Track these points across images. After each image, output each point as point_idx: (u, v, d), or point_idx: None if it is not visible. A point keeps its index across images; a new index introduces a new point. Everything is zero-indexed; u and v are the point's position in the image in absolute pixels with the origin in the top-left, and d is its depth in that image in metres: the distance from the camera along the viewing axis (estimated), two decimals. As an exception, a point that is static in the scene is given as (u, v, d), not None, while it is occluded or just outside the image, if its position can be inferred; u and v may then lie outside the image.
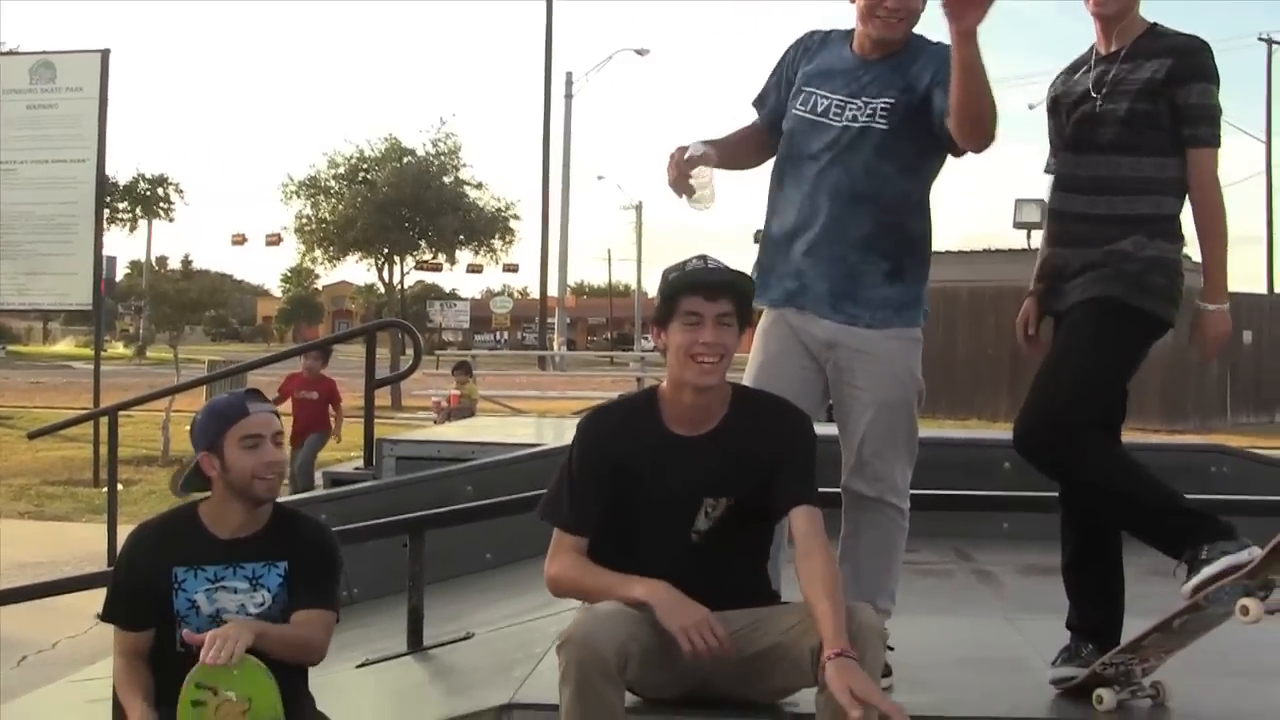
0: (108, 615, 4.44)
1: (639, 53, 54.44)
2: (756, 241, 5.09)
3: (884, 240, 4.72)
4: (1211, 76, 4.68)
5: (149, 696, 4.27)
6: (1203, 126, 4.67)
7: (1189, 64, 4.66)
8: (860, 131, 4.69)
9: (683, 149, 4.67)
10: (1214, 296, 4.70)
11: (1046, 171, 5.03)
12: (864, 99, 4.71)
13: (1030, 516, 7.64)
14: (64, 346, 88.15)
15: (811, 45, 4.93)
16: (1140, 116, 4.66)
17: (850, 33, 4.85)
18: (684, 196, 4.68)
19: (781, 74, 4.98)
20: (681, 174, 4.66)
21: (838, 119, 4.73)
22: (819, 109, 4.77)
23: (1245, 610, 4.20)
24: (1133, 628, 4.87)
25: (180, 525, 4.45)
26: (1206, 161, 4.69)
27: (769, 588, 4.42)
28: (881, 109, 4.68)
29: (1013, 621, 5.60)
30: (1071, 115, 4.82)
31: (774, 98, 5.02)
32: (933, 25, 4.69)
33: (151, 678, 4.34)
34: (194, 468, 4.47)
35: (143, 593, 4.33)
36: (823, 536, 4.14)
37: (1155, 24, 4.80)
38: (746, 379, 4.82)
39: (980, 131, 4.51)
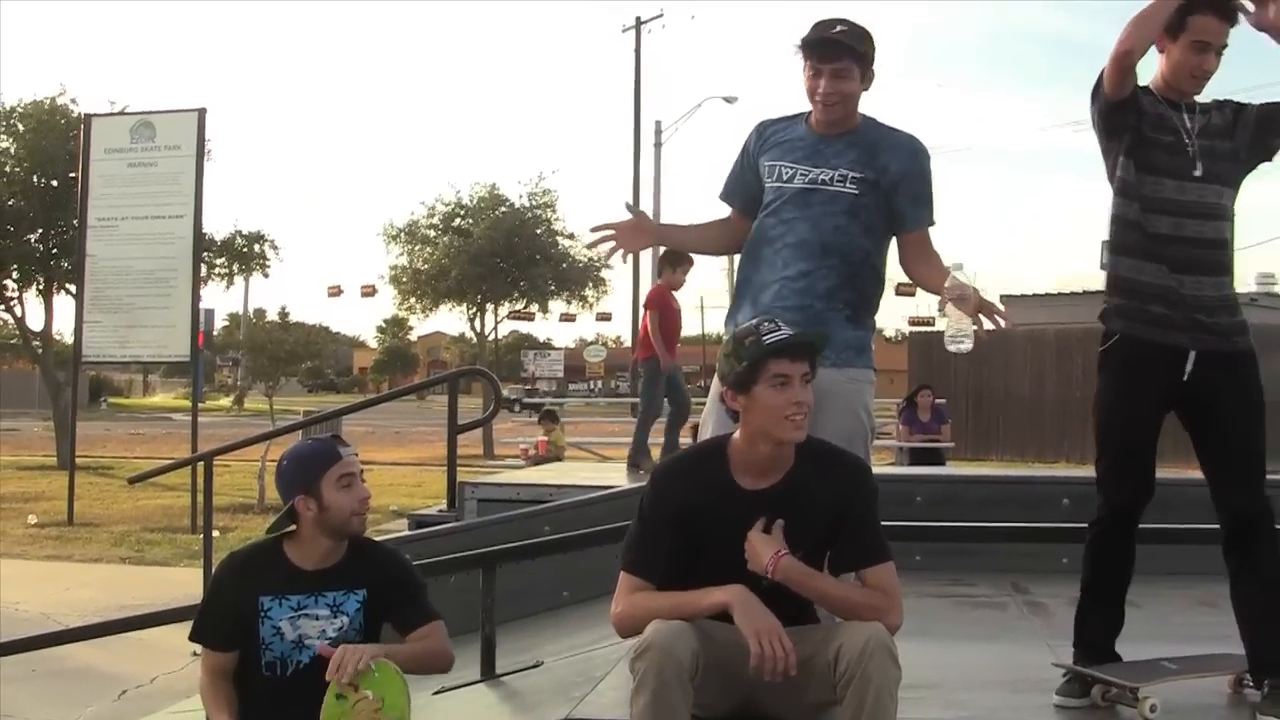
0: (196, 634, 4.81)
1: (727, 100, 54.57)
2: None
3: (846, 290, 5.15)
4: None
5: (233, 711, 4.65)
6: None
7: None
8: (831, 195, 5.14)
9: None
10: None
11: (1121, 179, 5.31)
12: (829, 167, 5.16)
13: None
14: (160, 398, 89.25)
15: (766, 130, 5.39)
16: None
17: (804, 114, 5.32)
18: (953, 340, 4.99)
19: (745, 162, 5.45)
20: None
21: (801, 181, 5.18)
22: (784, 177, 5.22)
23: None
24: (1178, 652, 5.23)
25: (265, 557, 4.82)
26: None
27: (814, 613, 4.55)
28: (852, 178, 5.14)
29: (1053, 648, 5.75)
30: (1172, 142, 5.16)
31: (740, 185, 5.49)
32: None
33: (235, 696, 4.72)
34: (285, 513, 4.81)
35: (230, 616, 4.70)
36: (892, 593, 4.32)
37: None
38: (710, 429, 5.14)
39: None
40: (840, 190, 5.15)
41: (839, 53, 5.09)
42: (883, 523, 4.46)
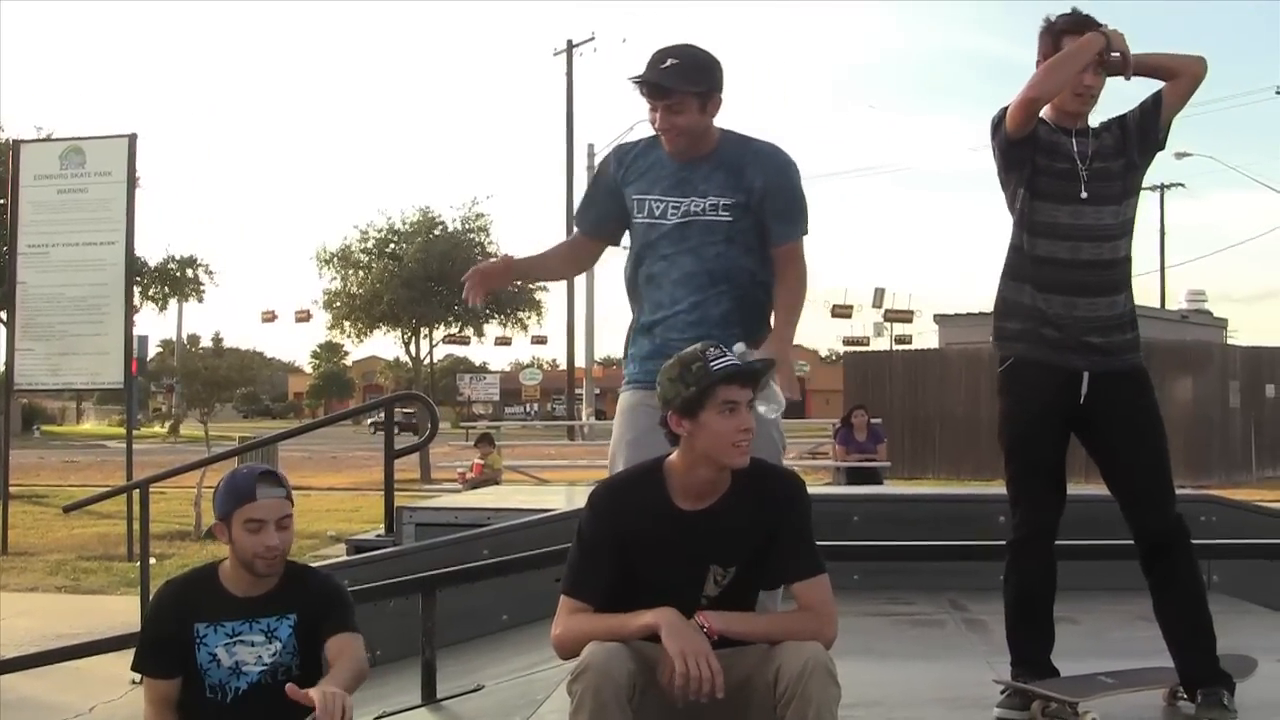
0: (137, 664, 4.80)
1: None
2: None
3: (737, 312, 5.14)
4: None
5: None
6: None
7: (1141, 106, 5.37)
8: (707, 225, 5.15)
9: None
10: None
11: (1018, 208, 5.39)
12: (699, 195, 5.16)
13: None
14: (90, 426, 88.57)
15: (626, 158, 5.37)
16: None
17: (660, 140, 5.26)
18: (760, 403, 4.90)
19: (604, 185, 5.45)
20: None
21: (674, 216, 5.18)
22: (656, 213, 5.22)
23: None
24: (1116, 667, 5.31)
25: (201, 584, 4.80)
26: None
27: None
28: (724, 205, 5.14)
29: (992, 665, 5.80)
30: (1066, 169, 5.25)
31: (596, 209, 5.52)
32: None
33: None
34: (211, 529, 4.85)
35: (168, 644, 4.69)
36: (824, 606, 4.33)
37: None
38: (618, 457, 5.20)
39: None
40: (715, 219, 5.15)
41: (666, 91, 5.06)
42: (820, 542, 4.47)
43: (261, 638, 4.68)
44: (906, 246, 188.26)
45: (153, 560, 13.02)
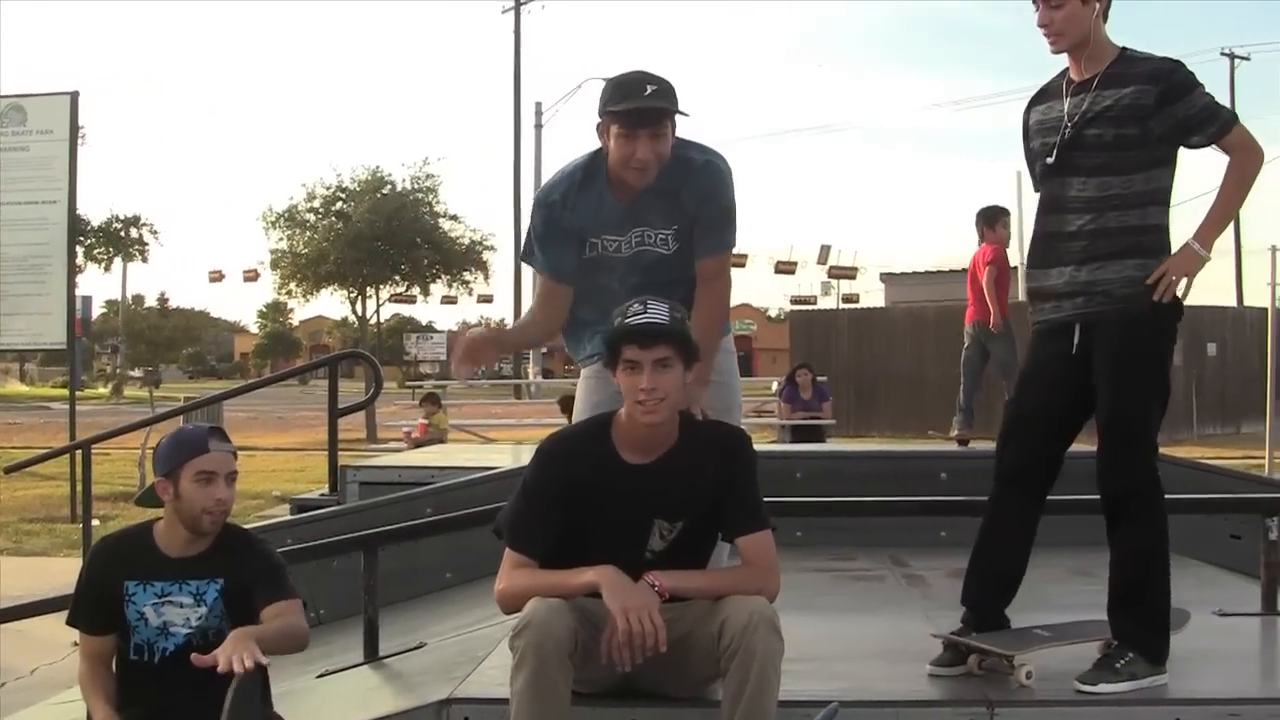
0: (71, 620, 4.82)
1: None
2: None
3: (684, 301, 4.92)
4: (1196, 82, 4.96)
5: (110, 698, 4.67)
6: (1213, 123, 4.95)
7: (1175, 83, 4.93)
8: (658, 258, 5.13)
9: None
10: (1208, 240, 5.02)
11: (1037, 190, 5.28)
12: (646, 227, 5.11)
13: (965, 522, 7.96)
14: (22, 387, 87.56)
15: (569, 198, 5.16)
16: (1126, 140, 4.93)
17: (598, 176, 5.13)
18: None
19: (556, 234, 5.22)
20: None
21: (627, 250, 5.15)
22: (609, 249, 5.15)
23: None
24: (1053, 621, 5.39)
25: (135, 542, 4.80)
26: (1238, 135, 4.99)
27: None
28: (667, 234, 5.12)
29: (932, 619, 5.85)
30: (1050, 142, 5.10)
31: (567, 255, 5.26)
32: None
33: (112, 680, 4.73)
34: (147, 490, 4.84)
35: (100, 601, 4.71)
36: (765, 560, 4.41)
37: (1125, 49, 5.07)
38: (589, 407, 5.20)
39: None
40: (663, 254, 5.12)
41: (658, 116, 4.89)
42: (764, 499, 4.53)
43: (190, 599, 4.68)
44: (853, 204, 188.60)
45: (96, 521, 12.99)
